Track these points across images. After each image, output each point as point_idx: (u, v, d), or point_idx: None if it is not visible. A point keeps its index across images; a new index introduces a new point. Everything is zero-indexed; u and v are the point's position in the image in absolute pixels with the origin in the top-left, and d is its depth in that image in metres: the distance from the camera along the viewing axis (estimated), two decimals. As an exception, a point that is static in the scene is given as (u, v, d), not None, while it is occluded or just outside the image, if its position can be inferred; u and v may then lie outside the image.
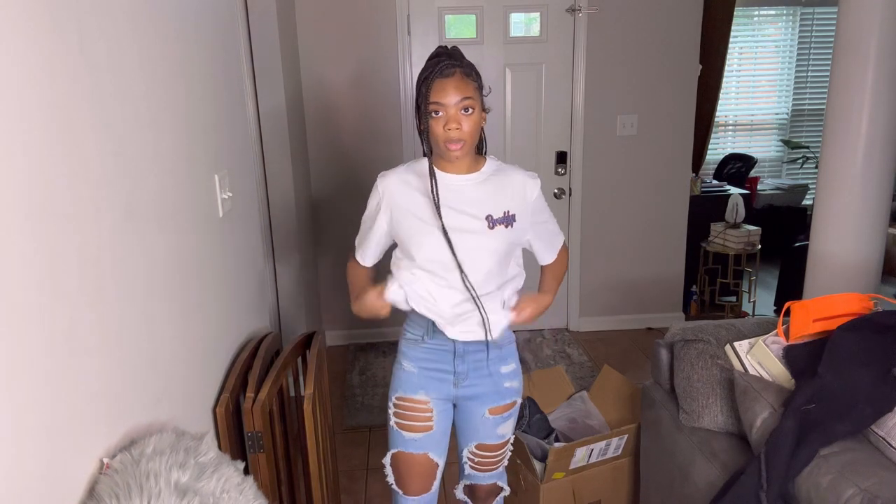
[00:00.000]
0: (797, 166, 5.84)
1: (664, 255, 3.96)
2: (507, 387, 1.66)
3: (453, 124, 1.44)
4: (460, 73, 1.46)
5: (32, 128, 0.84)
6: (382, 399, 3.18)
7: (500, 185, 1.57)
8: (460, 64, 1.47)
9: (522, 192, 1.58)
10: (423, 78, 1.47)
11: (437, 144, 1.49)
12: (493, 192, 1.56)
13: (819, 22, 5.65)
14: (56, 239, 0.88)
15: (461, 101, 1.44)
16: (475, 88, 1.48)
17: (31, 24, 0.85)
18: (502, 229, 1.54)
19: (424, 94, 1.46)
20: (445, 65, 1.45)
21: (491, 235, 1.53)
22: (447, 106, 1.44)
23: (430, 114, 1.46)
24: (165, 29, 1.35)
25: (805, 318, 1.66)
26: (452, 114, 1.45)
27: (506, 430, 1.71)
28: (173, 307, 1.31)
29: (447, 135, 1.45)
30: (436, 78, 1.45)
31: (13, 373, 0.78)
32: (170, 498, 0.91)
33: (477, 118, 1.49)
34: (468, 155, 1.53)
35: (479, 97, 1.50)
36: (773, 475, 1.41)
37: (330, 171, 3.68)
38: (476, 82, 1.49)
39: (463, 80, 1.45)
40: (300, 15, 3.44)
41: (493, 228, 1.53)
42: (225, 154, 1.76)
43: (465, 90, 1.45)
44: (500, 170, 1.60)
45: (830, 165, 2.39)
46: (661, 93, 3.70)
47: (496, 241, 1.54)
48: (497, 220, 1.54)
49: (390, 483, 1.70)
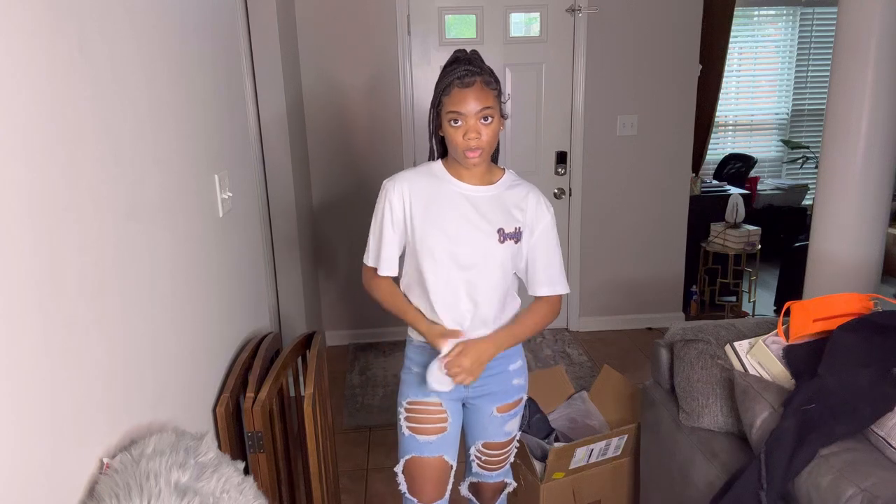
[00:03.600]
0: (797, 166, 5.84)
1: (664, 255, 3.96)
2: (515, 384, 1.66)
3: (473, 134, 1.43)
4: (480, 82, 1.44)
5: (32, 128, 0.84)
6: (382, 399, 3.18)
7: (513, 199, 1.56)
8: (480, 71, 1.46)
9: (534, 214, 1.56)
10: (443, 85, 1.46)
11: (455, 152, 1.48)
12: (506, 206, 1.55)
13: (819, 22, 5.65)
14: (56, 239, 0.88)
15: (481, 110, 1.43)
16: (495, 97, 1.47)
17: (31, 24, 0.85)
18: (511, 244, 1.54)
19: (444, 101, 1.45)
20: (466, 72, 1.44)
21: (501, 248, 1.53)
22: (467, 116, 1.43)
23: (448, 122, 1.46)
24: (166, 29, 1.35)
25: (805, 318, 1.66)
26: (472, 123, 1.43)
27: (513, 427, 1.71)
28: (173, 307, 1.31)
29: (467, 143, 1.44)
30: (455, 86, 1.43)
31: (13, 373, 0.78)
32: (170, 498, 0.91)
33: (496, 126, 1.47)
34: (485, 162, 1.52)
35: (499, 105, 1.48)
36: (773, 475, 1.41)
37: (330, 171, 3.68)
38: (496, 90, 1.48)
39: (483, 90, 1.44)
40: (300, 15, 3.44)
41: (504, 242, 1.53)
42: (225, 154, 1.76)
43: (485, 100, 1.43)
44: (514, 185, 1.59)
45: (830, 165, 2.39)
46: (661, 93, 3.70)
47: (504, 253, 1.54)
48: (508, 234, 1.54)
49: (403, 492, 1.67)
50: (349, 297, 3.84)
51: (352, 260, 3.78)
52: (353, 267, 3.78)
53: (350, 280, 3.81)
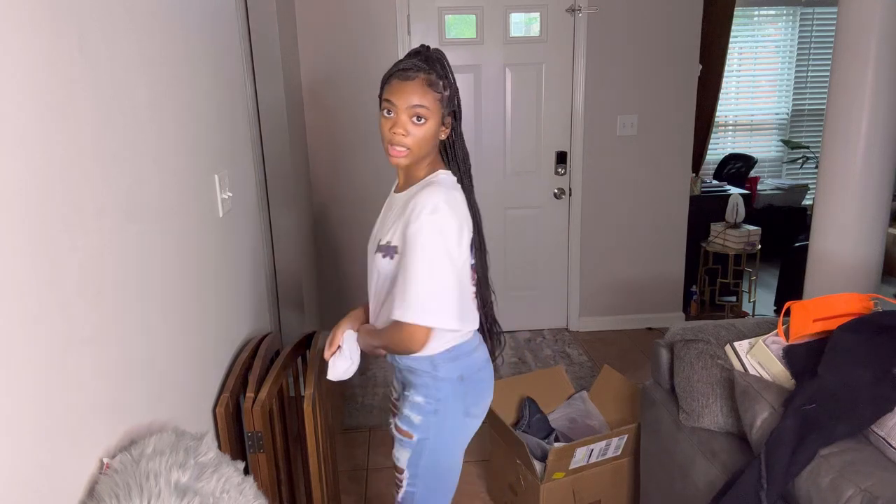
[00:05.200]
0: (797, 166, 5.84)
1: (664, 255, 3.96)
2: (405, 413, 1.49)
3: (399, 129, 1.35)
4: (423, 80, 1.34)
5: (32, 128, 0.84)
6: (382, 399, 3.18)
7: (404, 207, 1.40)
8: (427, 69, 1.35)
9: (406, 221, 1.36)
10: (387, 74, 1.39)
11: (383, 144, 1.40)
12: (395, 215, 1.43)
13: (819, 22, 5.65)
14: (56, 239, 0.88)
15: (412, 107, 1.33)
16: (436, 100, 1.36)
17: (31, 23, 0.85)
18: (379, 258, 1.43)
19: (384, 89, 1.38)
20: (412, 65, 1.35)
21: (378, 262, 1.44)
22: (398, 107, 1.34)
23: (382, 111, 1.38)
24: (166, 29, 1.35)
25: (805, 318, 1.66)
26: (402, 118, 1.35)
27: (397, 454, 1.52)
28: (173, 307, 1.31)
29: (390, 136, 1.36)
30: (396, 77, 1.36)
31: (13, 373, 0.78)
32: (170, 498, 0.91)
33: (429, 131, 1.37)
34: (414, 166, 1.43)
35: (440, 110, 1.37)
36: (773, 475, 1.41)
37: (330, 171, 3.68)
38: (440, 93, 1.36)
39: (423, 88, 1.34)
40: (300, 15, 3.44)
41: (376, 254, 1.45)
42: (225, 154, 1.76)
43: (421, 97, 1.33)
44: (419, 192, 1.38)
45: (830, 165, 2.39)
46: (661, 93, 3.70)
47: (381, 268, 1.44)
48: (382, 246, 1.43)
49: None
50: (349, 297, 3.84)
51: (352, 260, 3.78)
52: (353, 267, 3.79)
53: (350, 280, 3.81)
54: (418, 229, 1.31)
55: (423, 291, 1.32)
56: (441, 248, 1.32)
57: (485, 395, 1.55)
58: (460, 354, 1.47)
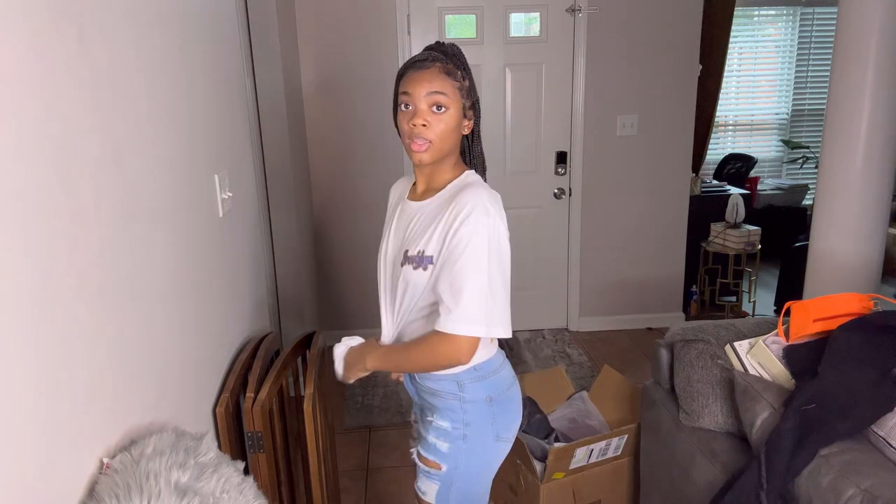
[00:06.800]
0: (797, 166, 5.84)
1: (664, 255, 3.96)
2: (430, 440, 1.42)
3: (419, 119, 1.26)
4: (440, 67, 1.28)
5: (31, 128, 0.84)
6: (382, 399, 3.18)
7: (438, 214, 1.31)
8: (444, 58, 1.29)
9: (450, 226, 1.26)
10: (402, 69, 1.32)
11: (404, 143, 1.31)
12: (425, 223, 1.33)
13: (819, 22, 5.65)
14: (56, 239, 0.88)
15: (431, 94, 1.26)
16: (455, 87, 1.29)
17: (30, 23, 0.85)
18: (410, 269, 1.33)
19: (399, 84, 1.31)
20: (427, 55, 1.30)
21: (409, 274, 1.33)
22: (416, 98, 1.26)
23: (400, 106, 1.30)
24: (166, 29, 1.35)
25: (805, 318, 1.66)
26: (421, 108, 1.26)
27: (423, 488, 1.45)
28: (173, 307, 1.31)
29: (410, 129, 1.27)
30: (411, 69, 1.29)
31: (13, 373, 0.78)
32: (170, 498, 0.91)
33: (451, 120, 1.29)
34: (438, 167, 1.34)
35: (460, 99, 1.30)
36: (773, 475, 1.41)
37: (330, 171, 3.68)
38: (459, 82, 1.30)
39: (439, 75, 1.27)
40: (300, 15, 3.44)
41: (404, 266, 1.34)
42: (225, 154, 1.76)
43: (439, 84, 1.26)
44: (458, 193, 1.30)
45: (830, 165, 2.39)
46: (661, 93, 3.70)
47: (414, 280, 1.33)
48: (412, 257, 1.32)
49: None
50: (349, 297, 3.84)
51: (352, 260, 3.78)
52: (353, 266, 3.78)
53: (350, 280, 3.81)
54: (472, 232, 1.22)
55: (480, 298, 1.21)
56: (495, 252, 1.24)
57: (515, 418, 1.45)
58: (487, 373, 1.38)
